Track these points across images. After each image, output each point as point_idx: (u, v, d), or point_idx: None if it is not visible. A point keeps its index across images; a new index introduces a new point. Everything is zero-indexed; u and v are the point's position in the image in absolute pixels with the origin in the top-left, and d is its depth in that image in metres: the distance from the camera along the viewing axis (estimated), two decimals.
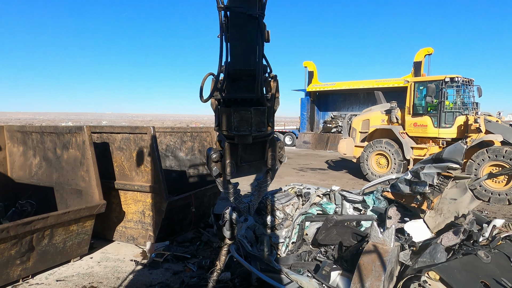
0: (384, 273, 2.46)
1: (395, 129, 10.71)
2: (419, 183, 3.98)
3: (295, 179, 11.53)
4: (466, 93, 10.26)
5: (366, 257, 2.65)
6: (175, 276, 4.33)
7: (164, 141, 6.78)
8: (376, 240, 2.85)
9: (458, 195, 3.96)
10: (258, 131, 2.69)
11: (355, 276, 2.52)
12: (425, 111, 10.32)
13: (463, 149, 3.89)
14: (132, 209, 5.47)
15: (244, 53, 2.68)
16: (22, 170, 5.84)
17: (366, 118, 11.78)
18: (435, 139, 10.17)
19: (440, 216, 3.98)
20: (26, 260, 4.15)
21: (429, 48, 17.02)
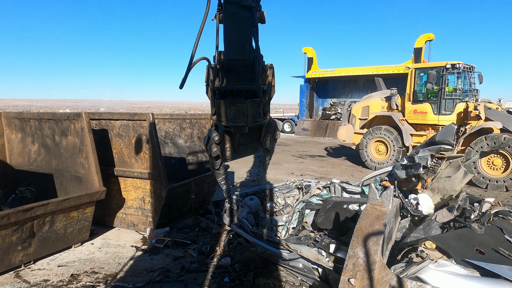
0: (382, 236, 2.45)
1: (394, 116, 10.67)
2: (414, 166, 4.06)
3: (294, 166, 11.57)
4: (467, 79, 10.18)
5: (363, 221, 2.62)
6: (176, 261, 4.38)
7: (163, 128, 6.75)
8: (374, 202, 2.84)
9: (452, 173, 4.09)
10: (254, 122, 2.72)
11: (353, 241, 2.49)
12: (425, 98, 10.26)
13: (454, 130, 3.98)
14: (132, 196, 5.48)
15: (238, 42, 2.64)
16: (21, 157, 5.82)
17: (366, 104, 11.71)
18: (435, 126, 10.14)
19: (437, 194, 4.11)
20: (28, 246, 4.18)
21: (430, 34, 16.85)
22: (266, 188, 4.83)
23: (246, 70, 2.68)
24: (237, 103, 2.64)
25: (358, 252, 2.42)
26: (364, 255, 2.37)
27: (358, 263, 2.36)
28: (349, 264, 2.39)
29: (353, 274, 2.32)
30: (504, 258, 2.76)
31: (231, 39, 2.65)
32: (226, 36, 2.64)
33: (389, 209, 2.77)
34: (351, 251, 2.45)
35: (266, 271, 4.01)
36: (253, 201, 4.30)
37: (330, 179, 5.48)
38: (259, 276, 3.91)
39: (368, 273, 2.28)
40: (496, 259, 2.73)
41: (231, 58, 2.66)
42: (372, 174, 5.31)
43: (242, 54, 2.64)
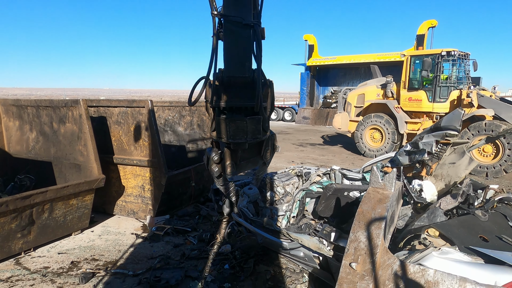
0: (385, 220, 2.41)
1: (390, 104, 10.65)
2: (418, 152, 4.03)
3: (294, 155, 11.53)
4: (461, 67, 10.17)
5: (365, 205, 2.58)
6: (176, 249, 4.37)
7: (162, 115, 6.68)
8: (376, 185, 2.80)
9: (457, 159, 4.06)
10: (254, 139, 2.73)
11: (354, 225, 2.45)
12: (420, 86, 10.24)
13: (461, 115, 3.92)
14: (132, 184, 5.45)
15: (238, 60, 2.66)
16: (19, 145, 5.78)
17: (361, 92, 11.72)
18: (429, 114, 10.18)
19: (441, 181, 4.09)
20: (27, 233, 4.16)
21: (433, 20, 16.58)
22: (265, 177, 4.76)
23: (245, 87, 2.69)
24: (237, 120, 2.65)
25: (359, 236, 2.38)
26: (366, 239, 2.33)
27: (360, 247, 2.32)
28: (351, 248, 2.35)
29: (354, 259, 2.29)
30: (508, 245, 2.73)
31: (231, 57, 2.67)
32: (226, 54, 2.68)
33: (391, 192, 2.72)
34: (352, 235, 2.41)
35: (266, 258, 4.00)
36: (252, 190, 4.25)
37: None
38: (259, 263, 3.91)
39: (370, 257, 2.25)
40: (500, 246, 2.70)
41: (231, 75, 2.68)
42: (373, 161, 5.27)
43: (242, 71, 2.66)
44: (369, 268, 2.22)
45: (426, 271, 2.08)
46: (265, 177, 4.77)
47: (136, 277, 3.69)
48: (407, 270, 2.13)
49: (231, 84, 2.72)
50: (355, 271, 2.23)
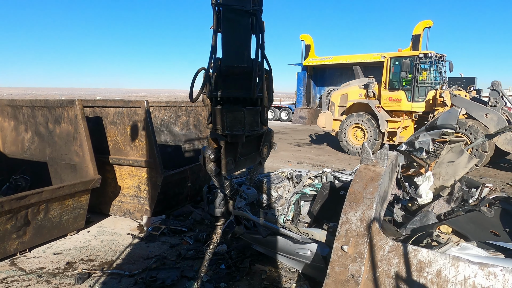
0: (376, 200, 2.35)
1: (371, 103, 11.11)
2: (415, 151, 4.01)
3: (291, 154, 11.56)
4: (438, 68, 10.74)
5: (356, 184, 2.50)
6: (172, 249, 4.38)
7: (158, 115, 6.68)
8: (368, 162, 2.71)
9: (455, 157, 4.04)
10: (252, 131, 2.64)
11: (345, 206, 2.38)
12: (400, 86, 10.74)
13: (457, 113, 3.94)
14: (128, 184, 5.45)
15: (237, 49, 2.59)
16: (15, 145, 5.75)
17: (344, 92, 12.21)
18: (408, 113, 10.67)
19: (439, 180, 4.07)
20: (23, 234, 4.15)
21: (428, 20, 16.65)
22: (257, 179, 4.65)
23: (244, 77, 2.61)
24: (234, 111, 2.55)
25: (351, 218, 2.31)
26: (358, 220, 2.27)
27: (351, 229, 2.26)
28: (342, 230, 2.29)
29: (346, 241, 2.24)
30: None
31: (230, 46, 2.59)
32: (225, 43, 2.59)
33: (383, 169, 2.62)
34: (343, 216, 2.34)
35: (262, 258, 4.01)
36: (250, 190, 4.16)
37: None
38: (255, 263, 3.92)
39: (361, 239, 2.20)
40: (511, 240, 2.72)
41: (229, 65, 2.60)
42: None
43: (240, 61, 2.59)
44: (361, 250, 2.17)
45: (419, 251, 2.06)
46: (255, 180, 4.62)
47: (132, 278, 3.69)
48: (400, 250, 2.10)
49: (230, 74, 2.63)
50: (347, 253, 2.18)
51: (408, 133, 10.85)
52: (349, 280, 2.12)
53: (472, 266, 1.93)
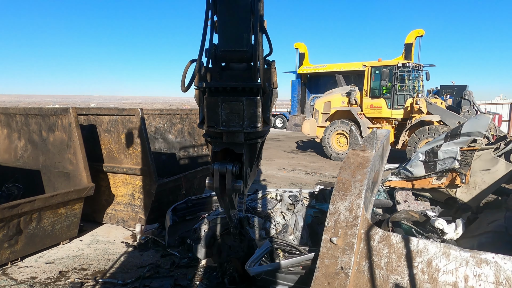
0: (365, 188, 2.24)
1: (353, 111, 11.57)
2: (442, 161, 3.84)
3: (285, 162, 11.59)
4: (415, 77, 11.29)
5: (344, 172, 2.37)
6: (166, 257, 4.36)
7: (153, 123, 6.69)
8: (356, 148, 2.57)
9: (489, 165, 3.85)
10: (252, 127, 2.16)
11: (333, 196, 2.26)
12: (380, 94, 11.29)
13: (489, 120, 3.81)
14: (122, 192, 5.43)
15: (235, 31, 2.19)
16: (7, 153, 5.72)
17: (327, 100, 12.67)
18: (388, 119, 11.27)
19: (476, 189, 3.88)
20: (14, 243, 4.11)
21: (420, 30, 16.93)
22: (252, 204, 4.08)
23: (244, 68, 2.26)
24: (231, 101, 2.11)
25: (339, 208, 2.21)
26: (346, 211, 2.18)
27: (340, 219, 2.17)
28: (331, 221, 2.19)
29: (335, 232, 2.14)
30: None
31: (227, 28, 2.20)
32: (221, 24, 2.20)
33: (372, 154, 2.50)
34: (332, 207, 2.23)
35: None
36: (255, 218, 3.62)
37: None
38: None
39: (350, 230, 2.11)
40: None
41: (226, 49, 2.20)
42: None
43: (239, 44, 2.18)
44: (351, 241, 2.09)
45: (410, 240, 2.02)
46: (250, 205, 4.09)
47: (125, 287, 3.67)
48: (390, 240, 2.05)
49: (227, 60, 2.26)
50: (336, 245, 2.11)
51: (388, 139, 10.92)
52: (339, 273, 2.05)
53: (463, 253, 1.89)
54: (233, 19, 2.19)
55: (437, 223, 3.42)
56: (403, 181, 4.32)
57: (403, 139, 10.74)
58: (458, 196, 3.97)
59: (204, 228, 3.75)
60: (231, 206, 2.45)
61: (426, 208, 4.11)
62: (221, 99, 2.12)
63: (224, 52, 2.21)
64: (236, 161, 2.25)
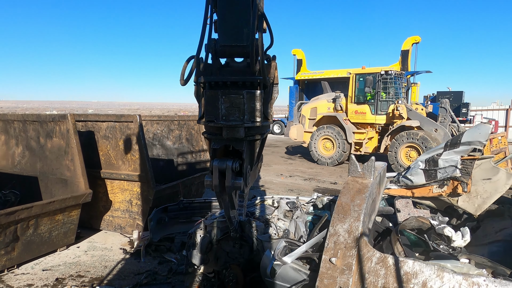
0: (364, 212, 2.36)
1: (339, 116, 11.92)
2: (443, 170, 3.86)
3: (283, 168, 11.61)
4: (397, 84, 11.71)
5: (344, 196, 2.51)
6: (163, 264, 4.35)
7: (151, 129, 6.71)
8: (355, 175, 2.72)
9: (490, 174, 3.89)
10: (252, 122, 2.13)
11: (333, 219, 2.38)
12: (364, 100, 11.67)
13: (489, 130, 3.80)
14: (119, 198, 5.43)
15: (235, 25, 2.15)
16: (5, 160, 5.71)
17: (314, 106, 13.02)
18: (372, 125, 11.63)
19: (478, 198, 3.90)
20: (11, 250, 4.10)
21: (417, 36, 17.10)
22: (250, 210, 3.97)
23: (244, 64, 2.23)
24: (231, 94, 2.09)
25: (339, 230, 2.32)
26: (345, 233, 2.29)
27: (339, 241, 2.27)
28: (330, 242, 2.29)
29: (334, 253, 2.24)
30: None
31: (227, 22, 2.16)
32: (221, 19, 2.17)
33: (370, 181, 2.64)
34: (332, 229, 2.34)
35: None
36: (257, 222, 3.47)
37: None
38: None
39: (349, 251, 2.21)
40: None
41: (226, 44, 2.16)
42: None
43: (239, 39, 2.14)
44: (349, 262, 2.18)
45: (405, 262, 2.08)
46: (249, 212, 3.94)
47: None
48: (387, 262, 2.12)
49: (227, 55, 2.24)
50: (335, 265, 2.19)
51: (372, 143, 11.66)
52: None
53: (456, 276, 1.97)
54: (233, 14, 2.15)
55: (446, 230, 3.43)
56: (403, 189, 4.34)
57: (385, 143, 11.14)
58: (460, 205, 3.97)
59: (200, 233, 3.64)
60: (231, 206, 2.39)
61: (426, 216, 4.14)
62: (221, 93, 2.10)
63: (224, 47, 2.17)
64: (236, 158, 2.20)
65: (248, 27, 2.11)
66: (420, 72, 16.33)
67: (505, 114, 21.02)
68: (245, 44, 2.13)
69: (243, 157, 2.21)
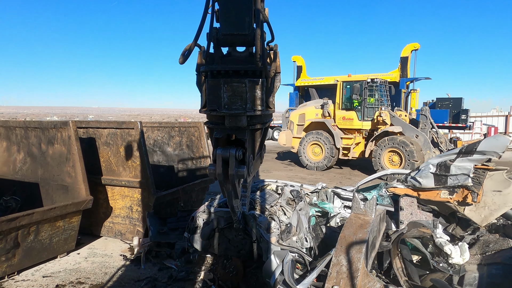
0: (366, 244, 2.51)
1: (327, 122, 12.29)
2: (454, 177, 3.82)
3: (283, 174, 11.62)
4: (382, 91, 12.14)
5: (347, 230, 2.69)
6: (163, 270, 4.35)
7: (151, 136, 6.75)
8: (358, 211, 2.90)
9: (501, 187, 3.83)
10: (255, 110, 2.13)
11: (336, 249, 2.55)
12: (351, 107, 12.09)
13: (508, 142, 3.73)
14: (120, 205, 5.45)
15: (237, 14, 2.13)
16: (6, 166, 5.74)
17: (302, 112, 13.36)
18: (359, 131, 12.01)
19: (485, 209, 3.83)
20: (12, 256, 4.11)
21: (416, 43, 17.19)
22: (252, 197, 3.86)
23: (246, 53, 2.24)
24: (234, 83, 2.08)
25: (341, 260, 2.48)
26: (348, 263, 2.43)
27: (342, 270, 2.41)
28: (333, 272, 2.44)
29: (337, 282, 2.37)
30: None
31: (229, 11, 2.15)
32: (223, 7, 2.15)
33: (372, 218, 2.83)
34: (335, 259, 2.50)
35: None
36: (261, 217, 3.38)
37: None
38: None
39: (351, 281, 2.34)
40: None
41: (228, 33, 2.16)
42: (367, 179, 5.17)
43: (241, 28, 2.13)
44: None
45: None
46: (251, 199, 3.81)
47: None
48: None
49: (229, 44, 2.23)
50: None
51: (359, 148, 11.94)
52: None
53: None
54: (235, 2, 2.14)
55: (446, 247, 3.44)
56: (409, 189, 4.32)
57: (369, 148, 11.49)
58: (467, 214, 3.90)
59: (202, 217, 3.58)
60: (234, 195, 2.38)
61: (428, 218, 4.13)
62: (224, 81, 2.10)
63: (226, 36, 2.17)
64: (239, 146, 2.20)
65: (250, 16, 2.11)
66: (420, 78, 16.39)
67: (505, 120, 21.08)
68: (247, 32, 2.13)
69: (246, 146, 2.19)
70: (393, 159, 10.75)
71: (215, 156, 2.17)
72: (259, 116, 2.21)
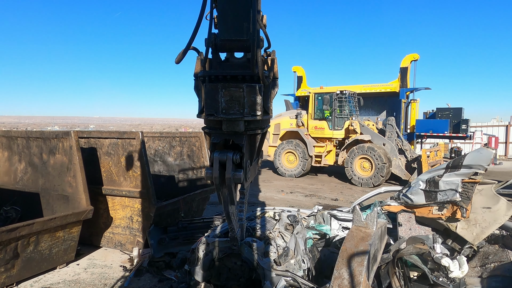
0: (367, 257, 2.50)
1: (301, 131, 13.06)
2: (442, 192, 3.83)
3: (284, 184, 11.59)
4: (352, 103, 12.90)
5: (348, 243, 2.69)
6: (163, 282, 4.31)
7: (152, 146, 6.76)
8: (359, 224, 2.92)
9: (491, 203, 3.82)
10: (252, 115, 2.14)
11: (338, 262, 2.54)
12: (322, 117, 12.82)
13: (491, 155, 3.75)
14: (120, 215, 5.42)
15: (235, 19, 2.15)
16: (7, 176, 5.74)
17: (277, 122, 14.17)
18: (330, 139, 12.74)
19: (476, 227, 3.80)
20: (11, 267, 4.08)
21: (415, 54, 17.32)
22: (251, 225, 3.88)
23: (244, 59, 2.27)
24: (231, 88, 2.10)
25: (343, 273, 2.47)
26: (349, 276, 2.43)
27: (343, 284, 2.41)
28: (335, 285, 2.44)
29: None
30: None
31: (227, 17, 2.17)
32: (221, 12, 2.17)
33: (373, 230, 2.83)
34: (336, 272, 2.49)
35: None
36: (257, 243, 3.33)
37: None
38: None
39: None
40: None
41: (226, 38, 2.18)
42: (363, 198, 5.18)
43: (239, 33, 2.16)
44: None
45: None
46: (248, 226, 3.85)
47: None
48: None
49: (227, 49, 2.26)
50: None
51: (331, 156, 12.70)
52: None
53: None
54: (233, 8, 2.16)
55: (443, 261, 3.41)
56: (403, 206, 4.32)
57: (342, 156, 12.15)
58: (459, 232, 3.88)
59: (202, 249, 3.63)
60: (230, 201, 2.37)
61: (427, 233, 4.10)
62: (221, 86, 2.11)
63: (224, 41, 2.19)
64: (237, 150, 2.22)
65: (248, 22, 2.13)
66: (420, 88, 16.46)
67: (505, 130, 21.09)
68: (246, 38, 2.15)
69: (243, 151, 2.21)
70: (364, 165, 11.46)
71: (212, 159, 2.19)
72: (257, 121, 2.23)
